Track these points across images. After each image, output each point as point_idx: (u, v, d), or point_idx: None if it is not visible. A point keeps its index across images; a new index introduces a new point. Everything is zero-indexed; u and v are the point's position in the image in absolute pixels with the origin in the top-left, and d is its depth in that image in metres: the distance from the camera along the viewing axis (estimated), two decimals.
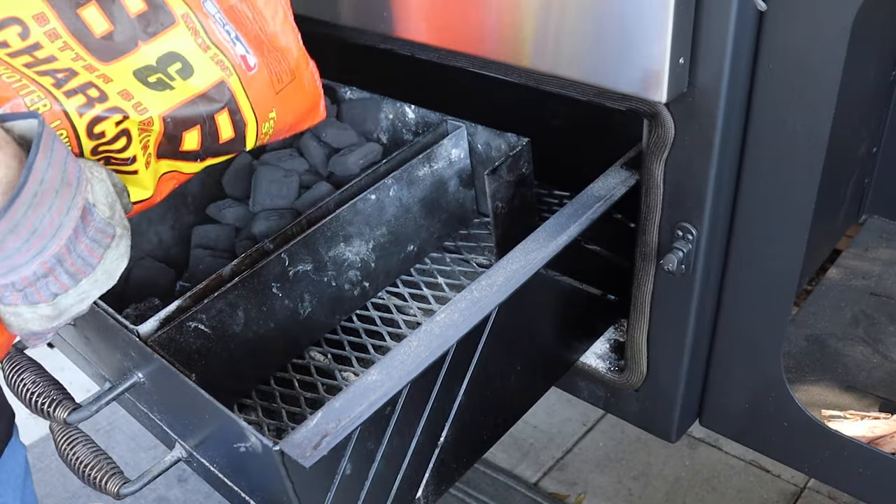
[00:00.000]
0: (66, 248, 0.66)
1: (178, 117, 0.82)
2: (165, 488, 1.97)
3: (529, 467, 1.99)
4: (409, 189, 1.19)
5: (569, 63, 0.91)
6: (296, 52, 0.92)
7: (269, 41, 0.90)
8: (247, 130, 0.88)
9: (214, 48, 0.85)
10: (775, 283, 0.98)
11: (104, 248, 0.71)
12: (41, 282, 0.66)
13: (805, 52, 0.82)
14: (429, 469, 0.91)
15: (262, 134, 0.91)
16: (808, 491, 1.84)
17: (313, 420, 0.77)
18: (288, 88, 0.91)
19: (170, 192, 0.91)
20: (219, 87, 0.84)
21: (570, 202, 1.04)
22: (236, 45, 0.86)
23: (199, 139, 0.85)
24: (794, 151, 0.88)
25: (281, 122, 0.93)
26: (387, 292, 1.23)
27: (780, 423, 1.08)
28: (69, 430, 0.98)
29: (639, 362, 1.13)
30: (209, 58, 0.84)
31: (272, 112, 0.90)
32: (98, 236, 0.70)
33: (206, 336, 0.99)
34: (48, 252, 0.65)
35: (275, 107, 0.90)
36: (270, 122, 0.91)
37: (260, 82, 0.88)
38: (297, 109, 0.94)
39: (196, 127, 0.84)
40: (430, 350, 0.84)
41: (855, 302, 1.38)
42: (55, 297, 0.68)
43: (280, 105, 0.91)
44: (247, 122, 0.88)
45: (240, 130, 0.88)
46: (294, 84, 0.92)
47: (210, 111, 0.84)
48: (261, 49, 0.88)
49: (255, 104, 0.88)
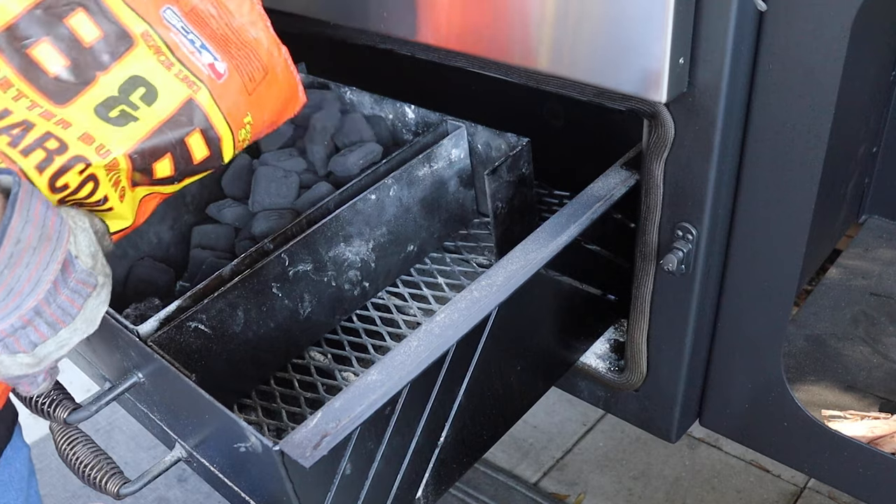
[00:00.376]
0: (44, 300, 0.66)
1: (146, 150, 0.78)
2: (165, 488, 1.97)
3: (529, 467, 1.99)
4: (409, 189, 1.19)
5: (569, 63, 0.91)
6: (266, 43, 0.87)
7: (237, 37, 0.85)
8: (222, 144, 0.84)
9: (179, 64, 0.80)
10: (775, 283, 0.98)
11: (85, 298, 0.71)
12: (20, 332, 0.66)
13: (805, 52, 0.82)
14: (429, 469, 0.91)
15: (239, 143, 0.87)
16: (808, 491, 1.84)
17: (313, 420, 0.77)
18: (262, 86, 0.87)
19: (153, 210, 0.88)
20: (187, 107, 0.80)
21: (570, 202, 1.04)
22: (202, 53, 0.82)
23: (172, 165, 0.81)
24: (794, 151, 0.88)
25: (258, 123, 0.89)
26: (387, 292, 1.23)
27: (780, 423, 1.08)
28: (69, 430, 0.98)
29: (639, 362, 1.13)
30: (174, 76, 0.80)
31: (247, 117, 0.86)
32: (79, 287, 0.70)
33: (206, 336, 0.99)
34: (26, 306, 0.65)
35: (250, 110, 0.86)
36: (247, 128, 0.87)
37: (231, 89, 0.84)
38: (273, 105, 0.90)
39: (166, 155, 0.80)
40: (430, 350, 0.84)
41: (855, 302, 1.38)
42: (35, 347, 0.68)
43: (255, 106, 0.87)
44: (221, 137, 0.84)
45: (215, 147, 0.84)
46: (268, 79, 0.88)
47: (179, 136, 0.80)
48: (229, 50, 0.84)
49: (229, 114, 0.84)
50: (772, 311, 1.00)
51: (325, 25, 1.20)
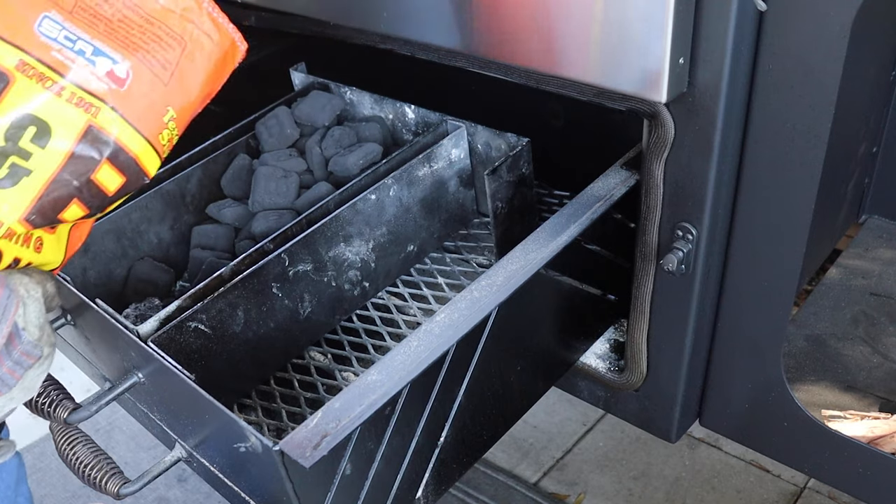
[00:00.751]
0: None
1: (46, 206, 0.70)
2: (165, 488, 1.97)
3: (529, 467, 1.99)
4: (409, 189, 1.19)
5: (569, 63, 0.91)
6: (178, 5, 0.76)
7: (139, 13, 0.74)
8: (140, 163, 0.75)
9: (71, 86, 0.70)
10: (775, 283, 0.98)
11: (26, 369, 0.70)
12: None
13: (805, 52, 0.82)
14: (429, 469, 0.91)
15: (163, 147, 0.77)
16: (808, 491, 1.84)
17: (313, 420, 0.77)
18: (181, 65, 0.76)
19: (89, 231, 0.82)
20: (88, 136, 0.70)
21: (570, 202, 1.04)
22: (97, 61, 0.71)
23: (83, 207, 0.73)
24: (794, 151, 0.88)
25: (186, 108, 0.78)
26: (387, 292, 1.23)
27: (780, 423, 1.08)
28: (69, 430, 0.98)
29: (639, 362, 1.13)
30: (66, 102, 0.70)
31: (167, 113, 0.76)
32: (22, 358, 0.69)
33: (206, 336, 0.99)
34: None
35: (169, 103, 0.75)
36: (170, 126, 0.77)
37: (139, 92, 0.73)
38: (202, 77, 0.78)
39: (72, 202, 0.71)
40: (430, 350, 0.84)
41: (855, 302, 1.38)
42: None
43: (177, 93, 0.76)
44: (136, 156, 0.74)
45: (131, 169, 0.74)
46: (188, 52, 0.76)
47: (83, 177, 0.71)
48: (131, 38, 0.73)
49: (141, 123, 0.73)
50: (772, 311, 1.00)
51: (325, 25, 1.20)
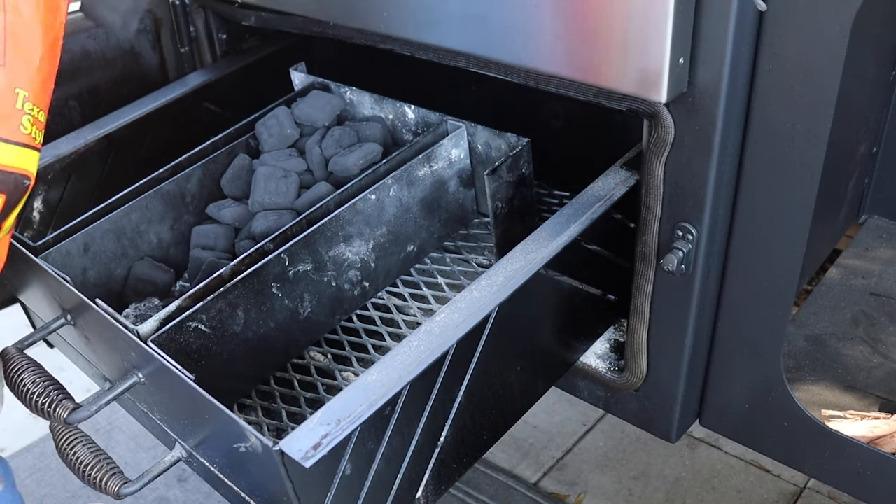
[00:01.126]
0: None
1: None
2: (165, 488, 1.96)
3: (529, 467, 1.99)
4: (409, 189, 1.19)
5: (569, 63, 0.91)
6: None
7: None
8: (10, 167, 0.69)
9: None
10: (775, 283, 0.98)
11: None
12: None
13: (805, 52, 0.82)
14: (429, 469, 0.91)
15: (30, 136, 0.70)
16: (808, 491, 1.84)
17: (313, 420, 0.77)
18: (10, 28, 0.68)
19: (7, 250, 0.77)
20: None
21: (570, 202, 1.04)
22: None
23: None
24: (794, 151, 0.88)
25: (37, 80, 0.71)
26: (387, 292, 1.23)
27: (780, 423, 1.08)
28: (69, 430, 0.98)
29: (639, 362, 1.13)
30: None
31: (17, 98, 0.69)
32: None
33: (206, 336, 0.99)
34: None
35: (15, 84, 0.69)
36: (29, 108, 0.69)
37: None
38: (38, 32, 0.71)
39: None
40: (430, 350, 0.84)
41: (855, 302, 1.38)
42: None
43: (19, 67, 0.69)
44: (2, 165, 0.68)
45: (6, 182, 0.68)
46: (14, 13, 0.69)
47: None
48: None
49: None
50: (772, 311, 1.00)
51: (325, 25, 1.20)
